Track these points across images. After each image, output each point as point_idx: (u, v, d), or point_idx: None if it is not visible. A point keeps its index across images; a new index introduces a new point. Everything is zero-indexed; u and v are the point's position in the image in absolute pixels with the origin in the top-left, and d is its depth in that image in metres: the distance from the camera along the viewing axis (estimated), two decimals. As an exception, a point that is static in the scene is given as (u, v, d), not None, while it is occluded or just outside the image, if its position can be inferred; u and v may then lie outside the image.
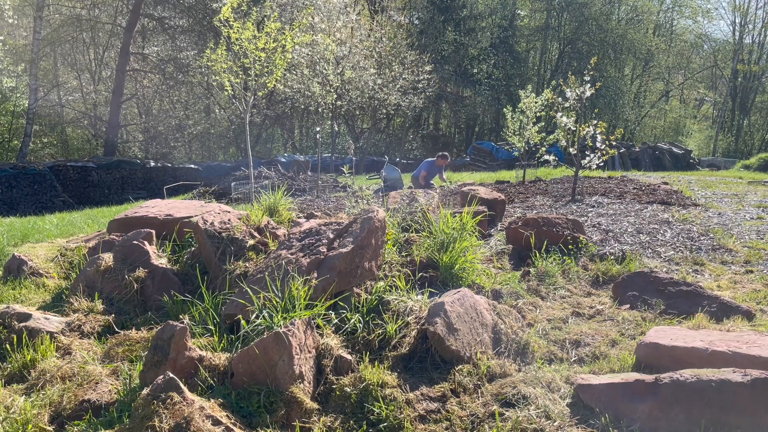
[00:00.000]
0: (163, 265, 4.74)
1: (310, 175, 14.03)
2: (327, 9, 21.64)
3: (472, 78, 32.27)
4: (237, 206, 7.88)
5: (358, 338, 3.61)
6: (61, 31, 25.54)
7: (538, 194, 10.02)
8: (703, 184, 11.90)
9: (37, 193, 16.26)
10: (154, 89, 28.31)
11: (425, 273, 4.57)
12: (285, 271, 3.81)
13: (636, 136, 37.29)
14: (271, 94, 21.70)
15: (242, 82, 9.87)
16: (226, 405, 2.87)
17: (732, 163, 25.57)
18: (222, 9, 8.35)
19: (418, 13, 33.52)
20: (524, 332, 3.93)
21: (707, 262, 5.77)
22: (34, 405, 2.92)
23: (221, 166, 20.71)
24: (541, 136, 12.42)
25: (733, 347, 3.19)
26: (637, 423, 2.76)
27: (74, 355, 3.62)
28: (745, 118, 40.32)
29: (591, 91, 9.43)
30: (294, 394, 2.95)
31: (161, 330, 3.10)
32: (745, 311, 4.27)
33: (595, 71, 9.43)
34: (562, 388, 3.24)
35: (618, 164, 23.09)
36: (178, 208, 5.90)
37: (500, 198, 7.58)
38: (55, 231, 7.57)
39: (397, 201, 6.31)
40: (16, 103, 26.24)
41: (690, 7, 39.89)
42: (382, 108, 21.99)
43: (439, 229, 4.84)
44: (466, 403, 3.14)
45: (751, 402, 2.65)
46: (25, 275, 5.17)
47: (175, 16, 25.18)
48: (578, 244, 5.74)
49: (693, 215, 7.75)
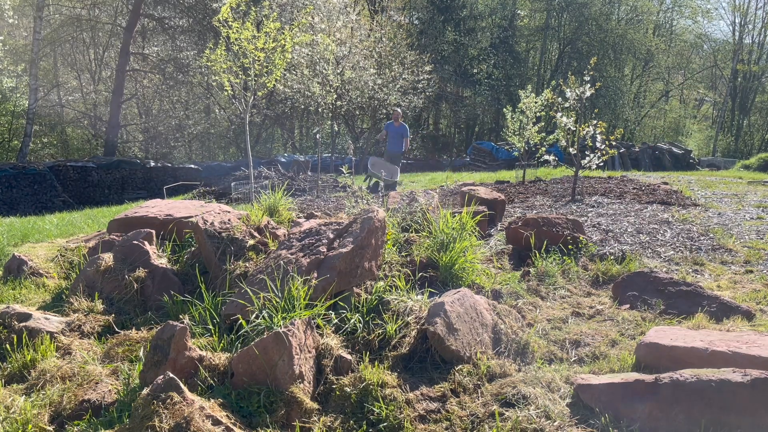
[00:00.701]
0: (163, 265, 4.74)
1: (310, 175, 14.02)
2: (327, 9, 21.62)
3: (472, 78, 32.24)
4: (237, 206, 7.88)
5: (358, 338, 3.61)
6: (61, 31, 25.53)
7: (538, 194, 10.02)
8: (703, 184, 11.90)
9: (37, 193, 16.25)
10: (154, 89, 28.29)
11: (425, 273, 4.57)
12: (285, 271, 3.81)
13: (636, 136, 37.26)
14: (271, 94, 21.68)
15: (242, 82, 9.86)
16: (226, 405, 2.87)
17: (732, 163, 25.57)
18: (221, 9, 8.35)
19: (418, 13, 33.48)
20: (524, 332, 3.93)
21: (707, 262, 5.77)
22: (34, 405, 2.92)
23: (221, 166, 20.69)
24: (541, 136, 12.42)
25: (733, 347, 3.19)
26: (637, 423, 2.77)
27: (74, 355, 3.62)
28: (744, 118, 40.31)
29: (591, 91, 9.43)
30: (294, 394, 2.95)
31: (161, 330, 3.10)
32: (745, 311, 4.27)
33: (594, 71, 9.43)
34: (562, 388, 3.24)
35: (618, 164, 23.09)
36: (178, 208, 5.90)
37: (500, 198, 7.58)
38: (55, 231, 7.56)
39: (397, 201, 6.32)
40: (16, 103, 26.22)
41: (690, 7, 39.86)
42: (382, 108, 21.98)
43: (439, 229, 4.84)
44: (466, 403, 3.14)
45: (751, 402, 2.65)
46: (25, 275, 5.17)
47: (175, 16, 25.17)
48: (578, 244, 5.74)
49: (693, 215, 7.75)
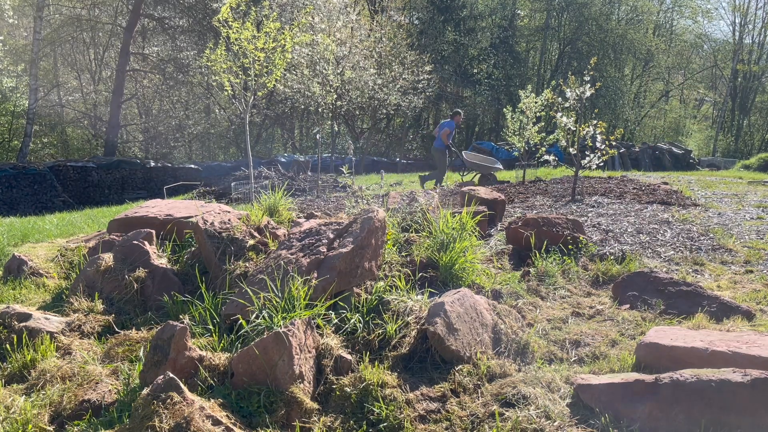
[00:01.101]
0: (163, 265, 4.74)
1: (310, 175, 14.02)
2: (327, 9, 21.62)
3: (472, 78, 32.22)
4: (237, 206, 7.88)
5: (358, 338, 3.60)
6: (61, 31, 25.52)
7: (538, 194, 10.02)
8: (703, 184, 11.90)
9: (37, 193, 16.26)
10: (154, 89, 28.29)
11: (425, 273, 4.56)
12: (285, 271, 3.81)
13: (636, 136, 37.26)
14: (271, 94, 21.67)
15: (242, 82, 9.86)
16: (226, 405, 2.87)
17: (732, 163, 25.57)
18: (221, 9, 8.35)
19: (418, 13, 33.45)
20: (524, 332, 3.93)
21: (707, 262, 5.77)
22: (34, 405, 2.92)
23: (221, 166, 20.69)
24: (541, 136, 12.42)
25: (733, 347, 3.19)
26: (637, 423, 2.76)
27: (74, 355, 3.62)
28: (745, 118, 40.31)
29: (591, 91, 9.43)
30: (294, 394, 2.95)
31: (161, 330, 3.10)
32: (745, 311, 4.26)
33: (595, 71, 9.43)
34: (562, 388, 3.24)
35: (618, 164, 23.09)
36: (178, 208, 5.90)
37: (500, 198, 7.58)
38: (55, 231, 7.56)
39: (396, 201, 6.32)
40: (16, 103, 26.22)
41: (690, 7, 39.87)
42: (382, 108, 21.99)
43: (439, 229, 4.83)
44: (466, 403, 3.14)
45: (751, 402, 2.65)
46: (25, 275, 5.17)
47: (175, 16, 25.17)
48: (578, 244, 5.74)
49: (693, 215, 7.75)
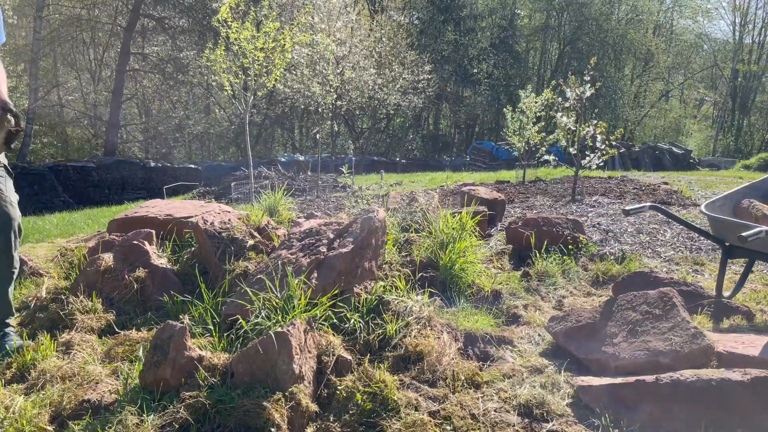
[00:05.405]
0: (163, 265, 4.73)
1: (310, 175, 14.04)
2: (327, 9, 21.63)
3: (471, 78, 32.25)
4: (237, 206, 7.88)
5: (358, 338, 3.60)
6: (61, 31, 25.53)
7: (538, 194, 10.02)
8: (704, 184, 11.90)
9: (37, 193, 16.26)
10: (154, 89, 28.30)
11: (425, 273, 4.56)
12: (285, 272, 3.81)
13: (636, 136, 37.28)
14: (270, 94, 21.69)
15: (242, 82, 9.87)
16: (226, 405, 2.86)
17: (732, 163, 25.58)
18: (221, 9, 8.35)
19: (418, 13, 33.48)
20: (524, 332, 3.92)
21: (707, 262, 5.77)
22: (34, 405, 2.92)
23: (221, 166, 20.71)
24: (541, 136, 12.42)
25: (731, 347, 3.19)
26: (637, 423, 2.76)
27: (74, 355, 3.62)
28: (745, 118, 40.33)
29: (591, 91, 9.43)
30: (294, 394, 2.94)
31: (161, 330, 3.10)
32: (745, 311, 4.26)
33: (595, 71, 9.43)
34: (562, 388, 3.24)
35: (618, 164, 23.10)
36: (178, 208, 5.89)
37: (500, 198, 7.58)
38: (55, 231, 7.57)
39: (396, 201, 6.32)
40: (16, 103, 25.98)
41: (690, 7, 39.90)
42: (382, 108, 22.01)
43: (439, 229, 4.83)
44: (466, 403, 3.14)
45: (751, 401, 2.65)
46: (25, 275, 5.17)
47: (174, 16, 25.18)
48: (578, 244, 5.73)
49: (693, 215, 7.75)
